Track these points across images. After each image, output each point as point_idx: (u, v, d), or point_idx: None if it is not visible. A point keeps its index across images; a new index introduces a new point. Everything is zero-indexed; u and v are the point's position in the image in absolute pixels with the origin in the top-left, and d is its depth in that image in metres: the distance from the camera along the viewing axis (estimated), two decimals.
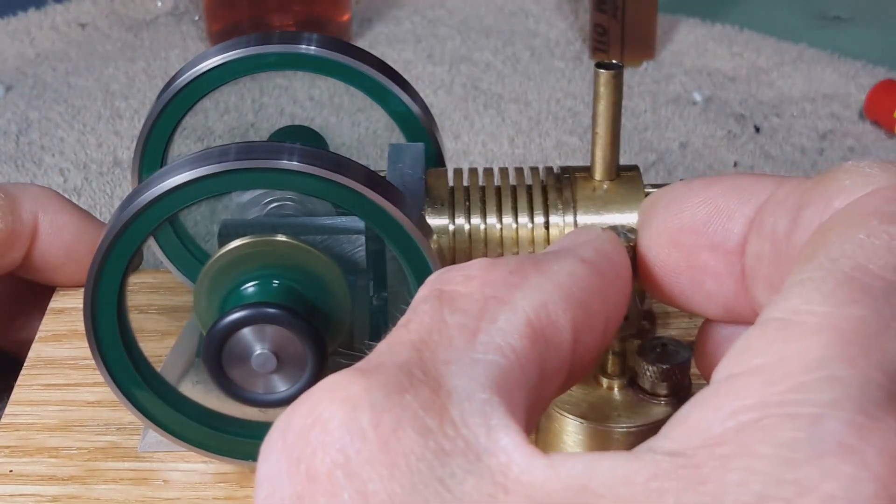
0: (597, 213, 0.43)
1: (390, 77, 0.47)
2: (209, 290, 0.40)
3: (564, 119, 0.79)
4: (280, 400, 0.40)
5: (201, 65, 0.46)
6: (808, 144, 0.77)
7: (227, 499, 0.43)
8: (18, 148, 0.76)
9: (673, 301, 0.35)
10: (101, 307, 0.40)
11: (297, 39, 0.47)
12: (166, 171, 0.39)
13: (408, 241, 0.39)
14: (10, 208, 0.49)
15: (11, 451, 0.44)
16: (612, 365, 0.42)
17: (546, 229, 0.43)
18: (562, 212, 0.43)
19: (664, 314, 0.51)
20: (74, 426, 0.46)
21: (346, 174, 0.38)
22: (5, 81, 0.84)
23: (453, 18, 0.92)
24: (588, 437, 0.41)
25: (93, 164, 0.75)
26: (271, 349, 0.39)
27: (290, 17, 0.87)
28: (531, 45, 0.88)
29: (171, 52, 0.88)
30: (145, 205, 0.38)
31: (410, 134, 0.47)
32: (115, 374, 0.41)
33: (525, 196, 0.43)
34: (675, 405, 0.41)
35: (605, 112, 0.42)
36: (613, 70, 0.42)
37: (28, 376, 0.48)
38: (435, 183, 0.44)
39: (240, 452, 0.43)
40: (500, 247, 0.43)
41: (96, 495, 0.43)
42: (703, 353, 0.36)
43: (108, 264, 0.39)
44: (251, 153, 0.38)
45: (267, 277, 0.40)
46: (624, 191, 0.43)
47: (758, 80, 0.84)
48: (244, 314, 0.38)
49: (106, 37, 0.90)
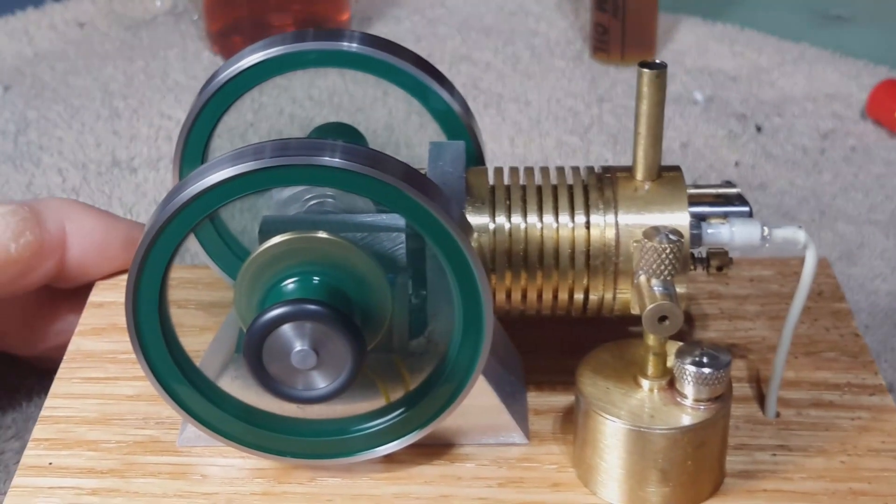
0: (638, 213, 0.42)
1: (430, 74, 0.46)
2: (249, 287, 0.40)
3: (565, 119, 0.78)
4: (319, 396, 0.39)
5: (241, 62, 0.46)
6: (809, 144, 0.76)
7: (265, 494, 0.43)
8: (17, 147, 0.76)
9: None
10: (143, 302, 0.40)
11: (337, 37, 0.47)
12: (206, 168, 0.39)
13: (448, 240, 0.39)
14: (37, 220, 0.49)
15: (51, 444, 0.45)
16: (652, 367, 0.42)
17: (587, 229, 0.42)
18: (603, 211, 0.43)
19: (702, 316, 0.51)
20: (113, 420, 0.46)
21: (387, 171, 0.38)
22: (3, 81, 0.83)
23: (453, 18, 0.92)
24: (625, 438, 0.41)
25: (91, 164, 0.74)
26: (311, 346, 0.39)
27: (289, 16, 0.87)
28: (531, 45, 0.88)
29: (170, 52, 0.87)
30: (186, 201, 0.38)
31: (450, 132, 0.47)
32: (155, 369, 0.41)
33: (566, 195, 0.43)
34: (713, 410, 0.41)
35: (647, 111, 0.42)
36: (657, 70, 0.41)
37: (67, 369, 0.48)
38: (475, 181, 0.44)
39: (277, 449, 0.43)
40: (539, 246, 0.42)
41: (135, 489, 0.43)
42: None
43: (149, 260, 0.39)
44: (290, 150, 0.38)
45: (306, 274, 0.40)
46: (666, 191, 0.43)
47: (759, 80, 0.84)
48: (284, 311, 0.38)
49: (104, 36, 0.89)
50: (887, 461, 0.44)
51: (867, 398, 0.47)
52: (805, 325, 0.50)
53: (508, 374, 0.46)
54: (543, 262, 0.43)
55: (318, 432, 0.43)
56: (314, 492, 0.43)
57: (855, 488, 0.43)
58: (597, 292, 0.43)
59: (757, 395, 0.47)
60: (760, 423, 0.46)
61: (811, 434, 0.45)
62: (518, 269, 0.43)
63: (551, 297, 0.43)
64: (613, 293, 0.43)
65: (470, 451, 0.44)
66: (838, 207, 0.70)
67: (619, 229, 0.42)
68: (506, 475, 0.43)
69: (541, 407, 0.46)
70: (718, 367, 0.41)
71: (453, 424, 0.44)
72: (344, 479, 0.43)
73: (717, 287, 0.53)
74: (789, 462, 0.44)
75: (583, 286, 0.43)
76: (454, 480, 0.43)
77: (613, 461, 0.41)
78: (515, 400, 0.46)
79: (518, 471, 0.44)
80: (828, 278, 0.53)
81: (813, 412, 0.46)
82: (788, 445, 0.44)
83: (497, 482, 0.43)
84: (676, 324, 0.40)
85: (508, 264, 0.43)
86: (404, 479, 0.43)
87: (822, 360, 0.49)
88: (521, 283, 0.43)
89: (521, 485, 0.43)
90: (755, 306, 0.52)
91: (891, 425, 0.45)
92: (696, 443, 0.41)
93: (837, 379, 0.48)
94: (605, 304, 0.43)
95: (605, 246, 0.42)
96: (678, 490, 0.42)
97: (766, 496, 0.42)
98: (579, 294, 0.43)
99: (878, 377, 0.48)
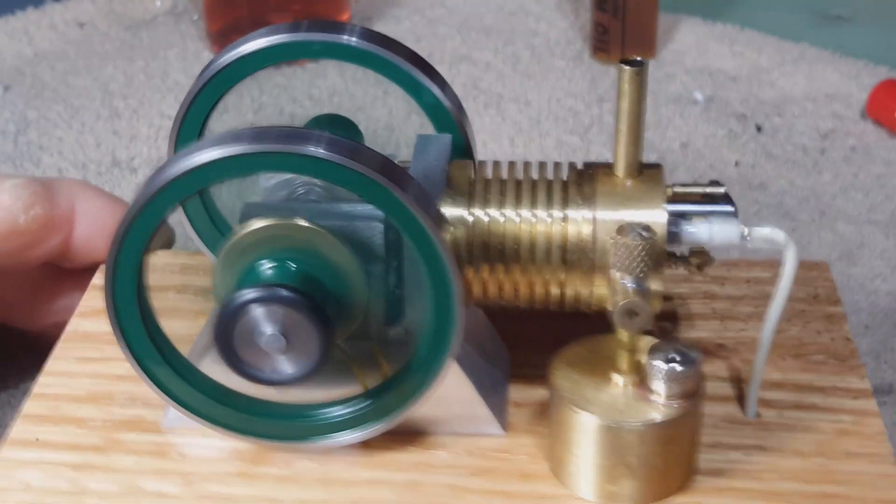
0: (616, 209, 0.43)
1: (421, 68, 0.47)
2: (226, 269, 0.41)
3: (565, 119, 0.78)
4: (283, 380, 0.40)
5: (244, 46, 0.47)
6: (809, 144, 0.76)
7: (241, 475, 0.43)
8: (17, 147, 0.76)
9: None
10: (121, 281, 0.41)
11: (339, 30, 0.48)
12: (185, 152, 0.39)
13: (419, 230, 0.40)
14: (47, 195, 0.51)
15: (40, 420, 0.46)
16: (625, 363, 0.42)
17: (564, 224, 0.43)
18: (581, 207, 0.43)
19: (694, 316, 0.51)
20: (102, 398, 0.47)
21: (361, 161, 0.39)
22: (3, 81, 0.84)
23: (453, 18, 0.92)
24: (594, 432, 0.41)
25: (91, 164, 0.75)
26: (281, 330, 0.40)
27: (289, 16, 0.87)
28: (531, 45, 0.88)
29: (170, 52, 0.87)
30: (162, 185, 0.39)
31: (441, 126, 0.48)
32: (133, 349, 0.42)
33: (545, 190, 0.43)
34: (683, 408, 0.41)
35: (628, 109, 0.42)
36: (637, 67, 0.42)
37: (64, 348, 0.50)
38: (457, 174, 0.44)
39: (256, 431, 0.44)
40: (516, 240, 0.43)
41: (115, 465, 0.44)
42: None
43: (128, 239, 0.40)
44: (268, 137, 0.39)
45: (281, 260, 0.41)
46: (645, 188, 0.43)
47: (759, 80, 0.83)
48: (252, 295, 0.39)
49: (104, 36, 0.90)
50: (862, 465, 0.43)
51: (851, 402, 0.46)
52: (797, 328, 0.50)
53: (490, 366, 0.46)
54: (520, 256, 0.43)
55: (293, 416, 0.43)
56: (288, 474, 0.44)
57: (827, 491, 0.42)
58: (573, 287, 0.43)
59: (739, 395, 0.47)
60: (740, 423, 0.46)
61: (789, 435, 0.45)
62: (495, 262, 0.43)
63: (528, 290, 0.44)
64: (590, 288, 0.43)
65: (445, 440, 0.45)
66: (838, 207, 0.69)
67: (596, 225, 0.43)
68: (478, 465, 0.44)
69: (522, 399, 0.47)
70: (689, 365, 0.41)
71: (430, 413, 0.44)
72: (319, 464, 0.44)
73: (712, 287, 0.53)
74: (763, 462, 0.44)
75: (559, 281, 0.43)
76: (426, 468, 0.44)
77: (583, 454, 0.42)
78: (495, 392, 0.46)
79: (491, 461, 0.44)
80: (825, 282, 0.53)
81: (794, 414, 0.46)
82: (764, 446, 0.44)
83: (468, 471, 0.44)
84: (647, 320, 0.40)
85: (485, 257, 0.43)
86: (378, 465, 0.44)
87: (810, 362, 0.48)
88: (499, 276, 0.43)
89: (492, 475, 0.43)
90: (749, 307, 0.51)
91: (871, 430, 0.45)
92: (664, 439, 0.41)
93: (823, 382, 0.47)
94: (581, 300, 0.44)
95: (581, 241, 0.43)
96: (646, 485, 0.42)
97: (736, 494, 0.42)
98: (556, 289, 0.43)
99: (865, 381, 0.47)
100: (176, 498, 0.43)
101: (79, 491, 0.43)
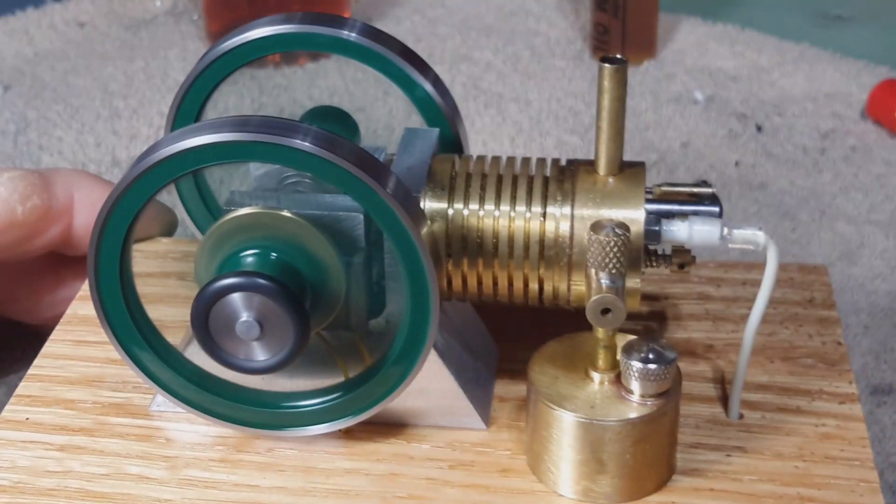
0: (595, 206, 0.43)
1: (413, 63, 0.47)
2: (208, 255, 0.42)
3: (565, 118, 0.78)
4: (257, 368, 0.41)
5: (248, 33, 0.47)
6: (809, 144, 0.75)
7: (223, 461, 0.44)
8: (17, 147, 0.77)
9: None
10: (104, 263, 0.41)
11: (335, 23, 0.48)
12: (167, 139, 0.40)
13: (396, 224, 0.40)
14: (45, 186, 0.51)
15: (32, 401, 0.47)
16: (601, 360, 0.42)
17: (543, 220, 0.43)
18: (560, 203, 0.43)
19: (686, 316, 0.51)
20: (94, 382, 0.48)
21: (339, 154, 0.39)
22: (3, 80, 0.84)
23: (453, 18, 0.92)
24: (570, 428, 0.41)
25: (91, 164, 0.75)
26: (256, 318, 0.40)
27: None
28: (532, 45, 0.88)
29: (170, 52, 0.87)
30: (144, 170, 0.40)
31: (432, 120, 0.48)
32: (117, 333, 0.43)
33: (525, 186, 0.44)
34: (657, 406, 0.41)
35: (609, 106, 0.42)
36: (617, 65, 0.42)
37: (62, 331, 0.51)
38: (439, 168, 0.44)
39: (237, 418, 0.44)
40: (495, 234, 0.43)
41: (101, 448, 0.45)
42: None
43: (111, 222, 0.41)
44: (249, 126, 0.40)
45: (259, 248, 0.41)
46: (624, 186, 0.43)
47: (759, 80, 0.83)
48: (228, 281, 0.40)
49: (105, 36, 0.90)
50: (842, 469, 0.43)
51: (836, 406, 0.46)
52: (789, 331, 0.50)
53: (475, 360, 0.47)
54: (498, 251, 0.43)
55: (275, 404, 0.44)
56: (269, 461, 0.44)
57: (803, 493, 0.42)
58: (551, 283, 0.43)
59: (724, 397, 0.47)
60: (722, 424, 0.45)
61: (771, 438, 0.45)
62: (474, 257, 0.43)
63: (506, 285, 0.44)
64: (568, 284, 0.43)
65: (427, 432, 0.45)
66: (838, 207, 0.69)
67: (574, 221, 0.43)
68: (458, 458, 0.44)
69: (507, 395, 0.47)
70: (663, 364, 0.41)
71: (412, 405, 0.45)
72: (301, 452, 0.44)
73: (707, 289, 0.53)
74: (742, 463, 0.44)
75: (537, 276, 0.43)
76: (406, 460, 0.44)
77: (558, 451, 0.42)
78: (479, 386, 0.46)
79: (470, 455, 0.44)
80: (822, 286, 0.53)
81: (778, 416, 0.46)
82: (745, 447, 0.44)
83: (448, 464, 0.44)
84: (619, 317, 0.40)
85: (464, 251, 0.43)
86: (359, 455, 0.44)
87: (799, 365, 0.48)
88: (478, 270, 0.44)
89: (471, 468, 0.44)
90: (743, 309, 0.51)
91: (853, 434, 0.45)
92: (639, 437, 0.41)
93: (810, 385, 0.47)
94: (560, 296, 0.44)
95: (559, 237, 0.43)
96: (620, 482, 0.42)
97: (712, 495, 0.42)
98: (534, 284, 0.44)
99: (853, 386, 0.47)
100: (158, 482, 0.43)
101: (64, 471, 0.44)
